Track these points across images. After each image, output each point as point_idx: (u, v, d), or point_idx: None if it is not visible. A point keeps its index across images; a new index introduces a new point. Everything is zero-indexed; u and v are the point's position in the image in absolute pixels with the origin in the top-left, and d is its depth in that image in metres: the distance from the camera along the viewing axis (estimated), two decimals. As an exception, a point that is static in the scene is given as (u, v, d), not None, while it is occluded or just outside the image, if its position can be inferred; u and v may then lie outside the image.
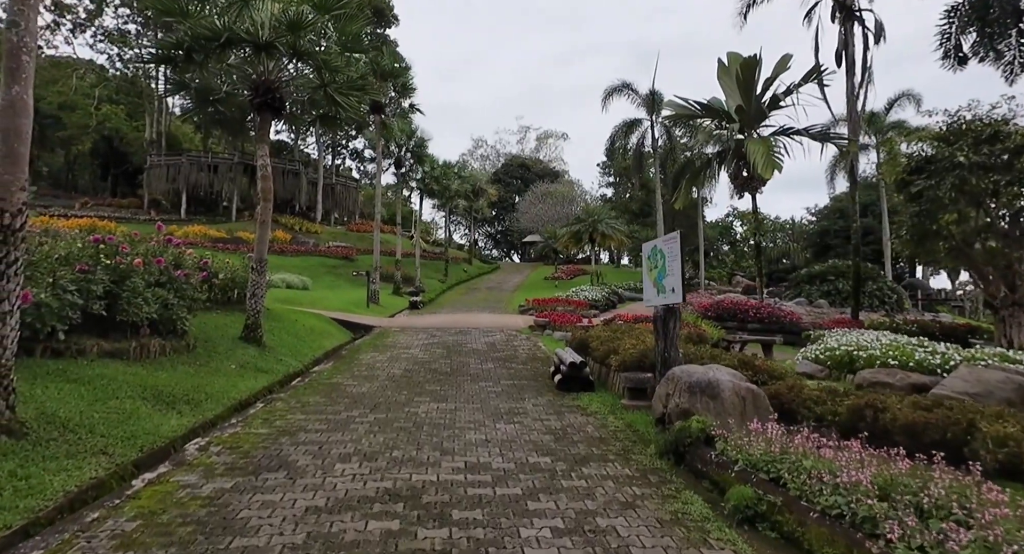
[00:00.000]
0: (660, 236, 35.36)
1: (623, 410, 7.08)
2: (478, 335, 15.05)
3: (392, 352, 11.98)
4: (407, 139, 29.19)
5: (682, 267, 6.12)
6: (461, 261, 47.60)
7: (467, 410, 7.04)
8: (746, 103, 18.02)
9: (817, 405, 5.55)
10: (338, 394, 7.87)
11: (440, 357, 11.34)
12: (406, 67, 23.55)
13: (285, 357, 10.53)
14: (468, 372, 9.75)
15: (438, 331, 15.73)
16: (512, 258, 69.98)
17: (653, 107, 34.72)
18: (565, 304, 21.50)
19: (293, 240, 38.32)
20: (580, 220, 30.87)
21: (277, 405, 7.17)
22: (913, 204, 16.36)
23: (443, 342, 13.60)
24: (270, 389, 8.57)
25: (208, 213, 44.95)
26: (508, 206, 63.82)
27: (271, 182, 11.10)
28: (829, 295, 26.40)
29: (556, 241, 39.64)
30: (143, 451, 5.22)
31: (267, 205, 11.02)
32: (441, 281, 37.17)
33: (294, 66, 11.20)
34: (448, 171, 36.94)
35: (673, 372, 5.68)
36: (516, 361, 11.03)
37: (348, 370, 9.89)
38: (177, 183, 42.26)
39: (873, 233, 41.37)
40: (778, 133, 17.92)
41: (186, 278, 9.37)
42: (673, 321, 6.39)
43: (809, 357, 9.12)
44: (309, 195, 49.07)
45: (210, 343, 9.65)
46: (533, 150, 76.58)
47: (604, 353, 8.55)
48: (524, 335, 15.29)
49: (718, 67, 18.92)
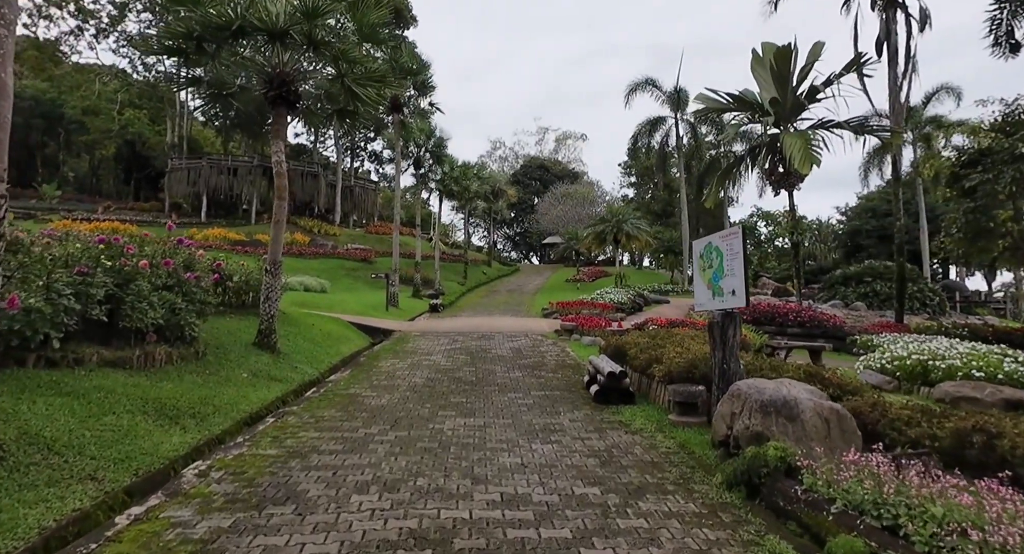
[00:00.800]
0: (684, 237, 34.41)
1: (672, 427, 6.32)
2: (502, 340, 14.36)
3: (413, 358, 11.34)
4: (426, 139, 28.67)
5: (747, 263, 5.37)
6: (480, 263, 47.01)
7: (498, 426, 6.34)
8: (781, 95, 17.09)
9: (909, 427, 4.74)
10: (355, 407, 7.22)
11: (464, 364, 10.66)
12: (425, 64, 23.02)
13: (300, 364, 9.95)
14: (495, 381, 9.06)
15: (460, 336, 15.07)
16: (531, 260, 69.27)
17: (678, 104, 33.87)
18: (590, 307, 20.71)
19: (311, 242, 38.06)
20: (604, 220, 30.03)
21: (289, 420, 6.54)
22: (966, 200, 15.31)
23: (466, 347, 12.93)
24: (284, 400, 7.98)
25: (228, 216, 44.99)
26: (527, 208, 63.15)
27: (286, 180, 10.54)
28: (866, 297, 25.22)
29: (578, 242, 38.80)
30: (138, 475, 4.62)
31: (282, 204, 10.46)
32: (460, 283, 36.59)
33: (309, 57, 10.63)
34: (467, 172, 36.36)
35: (739, 388, 4.92)
36: (545, 369, 10.31)
37: (366, 379, 9.25)
38: (197, 186, 42.35)
39: (908, 232, 39.80)
40: (816, 126, 16.93)
41: (196, 281, 8.83)
42: (732, 328, 5.63)
43: (873, 366, 8.25)
44: (328, 197, 48.92)
45: (222, 350, 9.10)
46: (552, 151, 75.93)
47: (645, 362, 7.79)
48: (550, 340, 14.56)
49: (751, 58, 18.00)
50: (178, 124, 49.34)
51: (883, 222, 39.47)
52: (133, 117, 52.59)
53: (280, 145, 10.46)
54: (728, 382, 5.55)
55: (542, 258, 65.02)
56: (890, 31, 18.39)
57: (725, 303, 5.64)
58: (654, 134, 34.04)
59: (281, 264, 10.48)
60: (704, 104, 18.08)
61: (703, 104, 18.10)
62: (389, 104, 23.38)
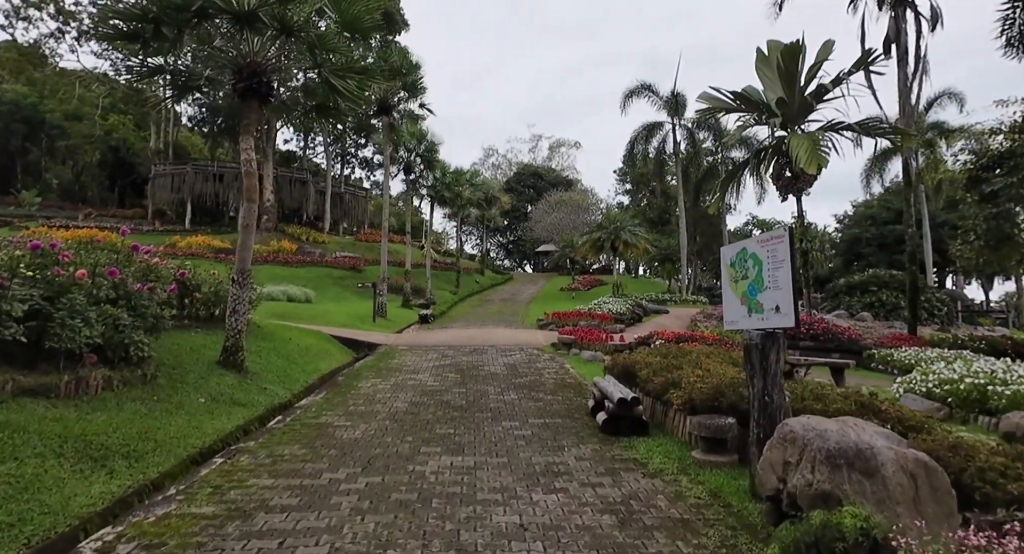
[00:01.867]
0: (682, 245, 33.58)
1: (697, 468, 5.33)
2: (495, 354, 13.34)
3: (397, 377, 10.29)
4: (417, 143, 27.71)
5: (795, 274, 4.40)
6: (473, 271, 45.99)
7: (490, 467, 5.32)
8: (788, 95, 16.25)
9: (1007, 479, 3.77)
10: (324, 441, 6.18)
11: (453, 384, 9.63)
12: (415, 65, 22.10)
13: (270, 385, 8.90)
14: (487, 406, 8.03)
15: (450, 350, 14.04)
16: (525, 268, 68.34)
17: (675, 109, 33.16)
18: (588, 318, 19.74)
19: (299, 250, 36.93)
20: (601, 227, 29.13)
21: (241, 461, 5.49)
22: (987, 205, 14.52)
23: (456, 364, 11.90)
24: (247, 429, 6.94)
25: (213, 223, 43.79)
26: (521, 215, 62.28)
27: (256, 180, 9.52)
28: (872, 307, 24.44)
29: (573, 250, 37.85)
30: (30, 545, 3.59)
31: (251, 207, 9.44)
32: (453, 292, 35.56)
33: (283, 45, 9.65)
34: (460, 178, 35.41)
35: (792, 430, 3.93)
36: (543, 390, 9.29)
37: (342, 403, 8.20)
38: (182, 193, 41.18)
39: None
40: (825, 128, 16.10)
41: (149, 292, 7.78)
42: (775, 352, 4.65)
43: (916, 390, 7.30)
44: (317, 204, 47.87)
45: (179, 370, 8.03)
46: (545, 159, 75.29)
47: (660, 386, 6.80)
48: (547, 354, 13.55)
49: (756, 57, 17.18)
50: (164, 130, 48.22)
51: (883, 230, 38.82)
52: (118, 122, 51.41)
53: (249, 141, 9.45)
54: (771, 418, 4.57)
55: (536, 266, 64.12)
56: (899, 30, 17.68)
57: (766, 322, 4.67)
58: (651, 139, 33.28)
59: (250, 273, 9.44)
60: (707, 104, 17.21)
61: (706, 104, 17.22)
62: (377, 106, 22.45)
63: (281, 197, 45.04)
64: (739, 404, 5.62)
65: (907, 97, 17.66)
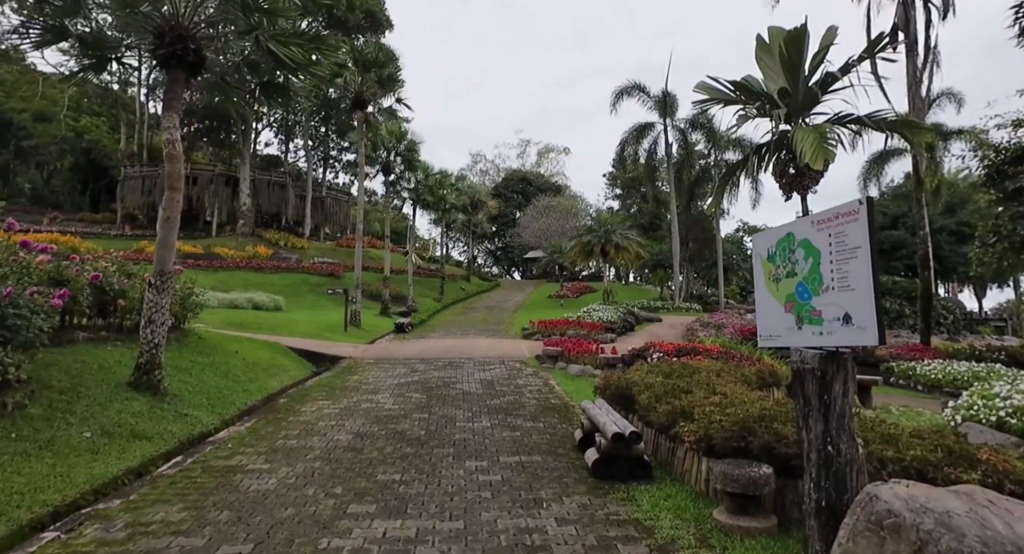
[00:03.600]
0: (675, 250, 32.26)
1: (722, 534, 3.88)
2: (472, 369, 11.84)
3: (351, 399, 8.76)
4: (396, 142, 26.25)
5: (875, 267, 3.01)
6: (459, 278, 44.48)
7: (439, 539, 3.83)
8: (792, 86, 15.00)
9: None
10: (220, 497, 4.64)
11: (415, 408, 8.11)
12: (392, 56, 20.66)
13: (194, 410, 7.35)
14: (451, 437, 6.53)
15: (422, 364, 12.52)
16: (513, 275, 66.90)
17: (666, 110, 31.98)
18: (576, 326, 18.29)
19: (274, 256, 35.25)
20: (591, 230, 27.72)
21: (83, 538, 3.94)
22: (1011, 203, 13.30)
23: (425, 381, 10.39)
24: (140, 471, 5.42)
25: (187, 228, 41.80)
26: (508, 221, 60.91)
27: (180, 165, 8.01)
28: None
29: (562, 255, 36.46)
30: None
31: (173, 196, 7.93)
32: (436, 300, 34.01)
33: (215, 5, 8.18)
34: (444, 181, 34.01)
35: (891, 508, 2.49)
36: (522, 414, 7.80)
37: (271, 435, 6.66)
38: (153, 196, 39.31)
39: (905, 246, 38.21)
40: (832, 121, 14.85)
41: (30, 299, 6.22)
42: (841, 382, 3.23)
43: (982, 419, 5.90)
44: (297, 209, 46.20)
45: (69, 396, 6.47)
46: (534, 165, 74.04)
47: (666, 416, 5.34)
48: (530, 368, 12.07)
49: (756, 45, 15.94)
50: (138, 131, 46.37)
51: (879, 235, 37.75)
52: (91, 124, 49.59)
53: (174, 119, 7.93)
54: (839, 478, 3.13)
55: (524, 273, 62.69)
56: (908, 19, 16.54)
57: (830, 337, 3.26)
58: (642, 141, 32.03)
59: (172, 275, 7.89)
60: (705, 94, 15.91)
61: (704, 94, 15.92)
62: (351, 100, 20.98)
63: (259, 201, 43.32)
64: (775, 446, 4.18)
65: (916, 90, 16.50)
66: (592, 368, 11.45)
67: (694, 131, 32.20)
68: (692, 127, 31.97)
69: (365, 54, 19.75)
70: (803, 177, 15.09)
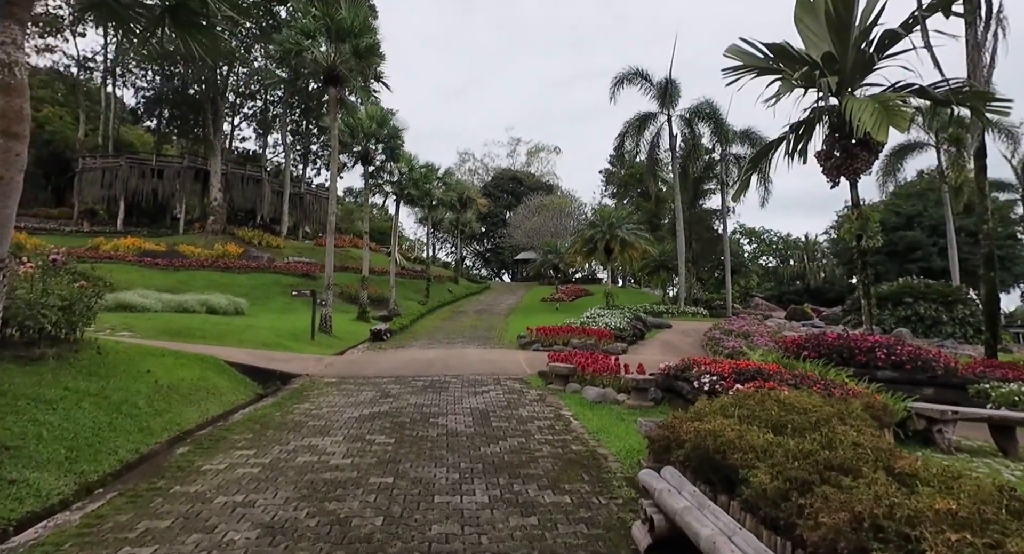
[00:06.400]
0: (680, 250, 29.80)
1: None
2: (460, 392, 9.25)
3: (284, 446, 6.11)
4: (377, 127, 23.58)
5: None
6: (446, 280, 41.84)
7: None
8: (840, 50, 12.63)
9: None
10: None
11: (375, 464, 5.50)
12: (370, 25, 18.06)
13: (34, 471, 4.73)
14: (425, 535, 3.92)
15: (396, 385, 9.90)
16: (503, 277, 64.32)
17: (667, 99, 29.64)
18: (581, 334, 15.75)
19: (244, 254, 32.40)
20: (593, 225, 25.17)
21: None
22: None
23: (397, 412, 7.77)
24: None
25: (152, 224, 38.94)
26: (498, 222, 58.36)
27: (24, 98, 5.35)
28: (908, 322, 20.92)
29: (557, 255, 33.95)
30: None
31: (9, 147, 5.24)
32: (421, 303, 31.36)
33: None
34: (430, 175, 31.37)
35: None
36: (535, 474, 5.23)
37: (113, 536, 4.00)
38: (114, 189, 36.31)
39: (920, 248, 36.21)
40: (890, 92, 12.50)
41: None
42: None
43: None
44: (273, 205, 43.37)
45: None
46: (524, 164, 71.63)
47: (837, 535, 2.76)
48: (534, 390, 9.50)
49: (796, 5, 13.58)
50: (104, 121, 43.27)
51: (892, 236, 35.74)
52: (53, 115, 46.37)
53: (13, 31, 5.27)
54: None
55: (515, 276, 60.08)
56: (968, -24, 14.22)
57: None
58: (644, 132, 29.63)
59: (6, 260, 5.23)
60: (736, 60, 13.49)
61: (735, 60, 13.50)
62: (323, 74, 18.30)
63: (232, 197, 40.41)
64: None
65: (979, 59, 14.18)
66: (615, 391, 8.89)
67: (699, 122, 29.90)
68: (697, 117, 29.67)
69: (338, 21, 17.09)
70: (854, 159, 12.70)
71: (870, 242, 12.73)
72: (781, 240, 60.52)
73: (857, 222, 12.81)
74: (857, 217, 12.90)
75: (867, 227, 12.78)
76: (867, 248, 12.83)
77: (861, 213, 12.94)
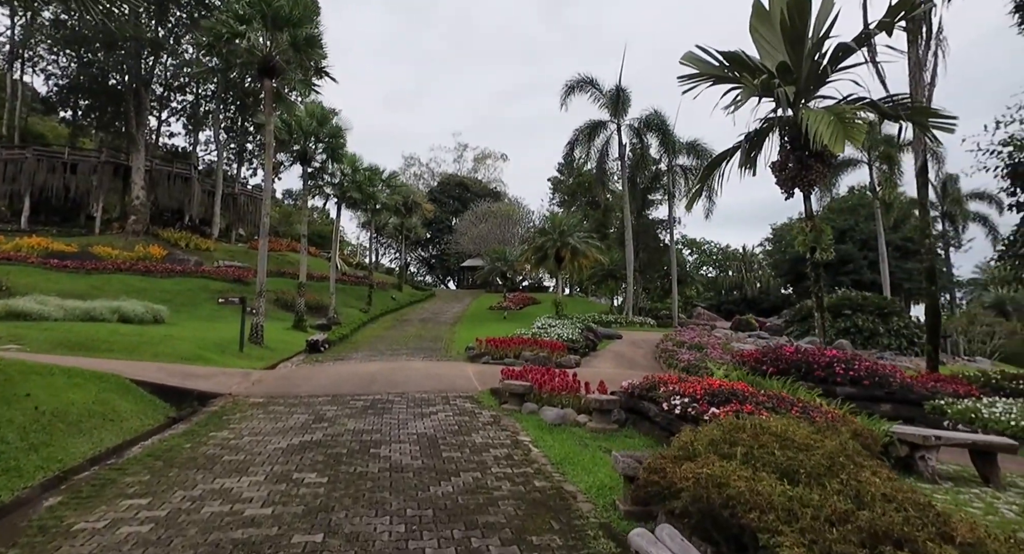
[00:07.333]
0: (628, 259, 29.74)
1: None
2: (405, 414, 8.33)
3: (188, 492, 5.05)
4: (317, 125, 22.23)
5: None
6: (389, 287, 40.39)
7: None
8: (795, 60, 12.58)
9: None
10: None
11: (302, 514, 4.55)
12: (311, 15, 16.85)
13: None
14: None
15: (332, 405, 8.86)
16: (448, 285, 63.12)
17: (618, 108, 29.65)
18: (532, 346, 15.06)
19: (168, 257, 30.05)
20: (544, 232, 24.59)
21: None
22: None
23: (332, 441, 6.78)
24: None
25: (64, 223, 35.56)
26: (444, 228, 57.21)
27: None
28: (848, 333, 21.41)
29: (505, 263, 33.26)
30: None
31: None
32: (363, 311, 29.94)
33: None
34: (374, 177, 30.11)
35: None
36: (495, 523, 4.43)
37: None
38: (18, 184, 32.93)
39: (852, 261, 37.75)
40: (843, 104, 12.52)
41: None
42: None
43: None
44: (204, 206, 40.68)
45: None
46: (471, 170, 70.76)
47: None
48: (487, 411, 8.69)
49: (752, 14, 13.48)
50: (10, 109, 39.33)
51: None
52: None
53: None
54: None
55: (461, 283, 59.03)
56: None
57: None
58: (594, 140, 29.50)
59: None
60: (692, 67, 13.28)
61: (691, 67, 13.28)
62: (257, 65, 16.94)
63: (157, 195, 37.60)
64: None
65: (919, 77, 14.56)
66: (575, 412, 8.21)
67: (648, 132, 30.05)
68: (646, 127, 29.81)
69: (275, 5, 15.82)
70: (809, 170, 12.64)
71: (824, 254, 12.71)
72: (720, 251, 62.26)
73: (811, 234, 12.75)
74: (811, 229, 12.85)
75: (821, 239, 12.74)
76: (820, 260, 12.80)
77: (815, 225, 12.91)
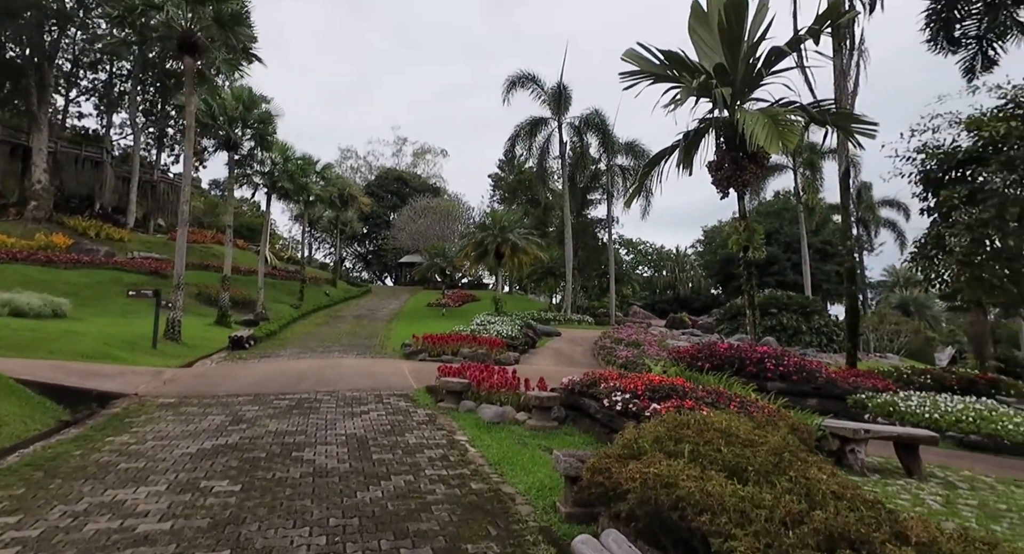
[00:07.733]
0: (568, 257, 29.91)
1: None
2: (334, 414, 7.81)
3: (69, 512, 4.40)
4: (244, 110, 20.96)
5: None
6: (323, 282, 38.97)
7: None
8: (731, 62, 12.86)
9: None
10: None
11: (207, 527, 4.04)
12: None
13: None
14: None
15: (254, 404, 8.21)
16: (385, 281, 61.68)
17: (560, 105, 29.77)
18: (471, 343, 14.73)
19: (74, 247, 27.67)
20: (485, 228, 24.28)
21: None
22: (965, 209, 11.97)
23: (250, 444, 6.21)
24: None
25: (-51, 209, 32.09)
26: (382, 223, 55.81)
27: None
28: (774, 331, 22.31)
29: (444, 259, 32.69)
30: None
31: None
32: (295, 306, 28.68)
33: None
34: (308, 167, 28.85)
35: None
36: (426, 531, 4.08)
37: None
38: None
39: (776, 262, 39.63)
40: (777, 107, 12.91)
41: None
42: None
43: None
44: (118, 193, 37.77)
45: None
46: (410, 165, 69.47)
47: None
48: (423, 409, 8.29)
49: (691, 15, 13.65)
50: None
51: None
52: None
53: None
54: None
55: (398, 279, 57.78)
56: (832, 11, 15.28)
57: None
58: (535, 136, 29.49)
59: None
60: (633, 65, 13.35)
61: (632, 65, 13.35)
62: (177, 40, 15.70)
63: (62, 179, 34.58)
64: None
65: (843, 85, 15.29)
66: (514, 409, 7.95)
67: (589, 131, 30.32)
68: (587, 126, 30.06)
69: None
70: (743, 171, 12.95)
71: (755, 253, 13.07)
72: (655, 252, 64.00)
73: (744, 233, 13.08)
74: (744, 228, 13.18)
75: (753, 238, 13.10)
76: (752, 259, 13.16)
77: (748, 225, 13.26)
